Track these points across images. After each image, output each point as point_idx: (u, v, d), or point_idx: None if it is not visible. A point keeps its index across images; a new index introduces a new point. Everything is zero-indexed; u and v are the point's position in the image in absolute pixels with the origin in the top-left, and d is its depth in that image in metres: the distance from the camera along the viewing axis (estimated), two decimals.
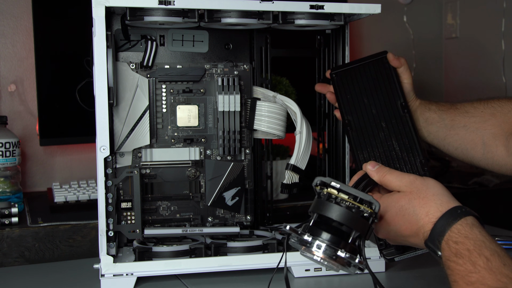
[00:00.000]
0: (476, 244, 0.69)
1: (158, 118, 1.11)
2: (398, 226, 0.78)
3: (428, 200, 0.76)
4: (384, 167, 0.83)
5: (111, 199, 1.03)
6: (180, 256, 1.04)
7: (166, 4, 0.96)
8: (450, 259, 0.70)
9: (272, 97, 1.12)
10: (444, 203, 0.75)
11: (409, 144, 0.97)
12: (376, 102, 1.02)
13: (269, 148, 1.19)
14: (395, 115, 1.00)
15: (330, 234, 0.71)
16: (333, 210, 0.72)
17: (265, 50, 1.15)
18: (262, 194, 1.19)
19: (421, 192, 0.77)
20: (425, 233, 0.75)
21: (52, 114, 1.43)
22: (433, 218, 0.74)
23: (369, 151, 0.99)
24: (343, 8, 1.03)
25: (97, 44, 0.96)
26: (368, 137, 0.99)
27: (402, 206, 0.77)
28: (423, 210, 0.75)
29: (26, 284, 1.05)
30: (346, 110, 1.03)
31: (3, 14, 1.53)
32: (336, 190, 0.73)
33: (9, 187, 1.35)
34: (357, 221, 0.72)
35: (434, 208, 0.75)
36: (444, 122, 1.05)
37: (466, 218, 0.72)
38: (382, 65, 1.04)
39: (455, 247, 0.70)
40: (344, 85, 1.05)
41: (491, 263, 0.66)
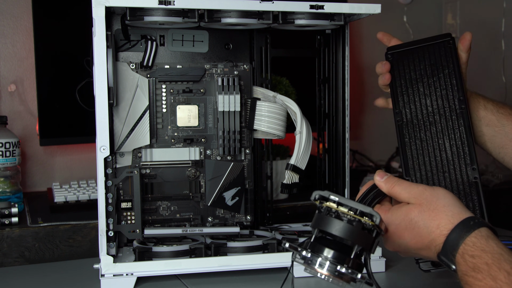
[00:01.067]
0: (494, 257, 0.66)
1: (158, 118, 1.11)
2: (409, 240, 0.75)
3: (439, 212, 0.73)
4: (393, 177, 0.80)
5: (111, 199, 1.03)
6: (180, 256, 1.04)
7: (166, 4, 0.96)
8: (468, 274, 0.67)
9: (272, 97, 1.12)
10: (456, 214, 0.72)
11: (462, 146, 0.89)
12: (432, 92, 0.92)
13: (269, 148, 1.19)
14: (451, 110, 0.91)
15: (331, 250, 0.69)
16: (333, 224, 0.70)
17: (265, 50, 1.15)
18: (262, 194, 1.19)
19: (431, 204, 0.74)
20: (437, 246, 0.72)
21: (52, 114, 1.43)
22: (444, 230, 0.72)
23: (417, 148, 0.90)
24: (343, 8, 1.03)
25: (97, 44, 0.96)
26: (418, 131, 0.91)
27: (412, 219, 0.75)
28: (434, 223, 0.73)
29: (26, 284, 1.05)
30: (398, 99, 0.94)
31: (3, 14, 1.53)
32: (335, 203, 0.71)
33: (9, 187, 1.35)
34: (358, 234, 0.69)
35: (445, 220, 0.72)
36: (504, 129, 0.97)
37: (480, 230, 0.70)
38: (444, 50, 0.95)
39: (472, 261, 0.67)
40: (399, 69, 0.96)
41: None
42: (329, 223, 0.70)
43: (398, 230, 0.76)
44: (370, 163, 1.89)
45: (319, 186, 1.22)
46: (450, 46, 0.95)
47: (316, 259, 0.69)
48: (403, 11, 2.03)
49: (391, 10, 2.01)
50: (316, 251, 0.70)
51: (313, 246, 0.70)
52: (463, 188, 0.88)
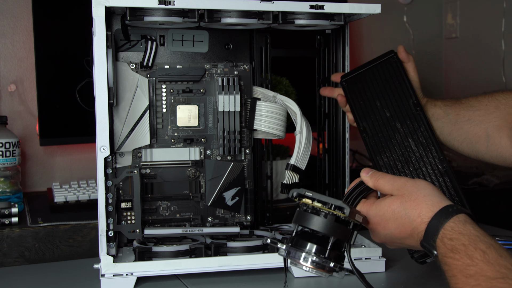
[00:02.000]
0: (471, 238, 0.70)
1: (158, 118, 1.11)
2: (393, 229, 0.79)
3: (420, 201, 0.77)
4: (378, 172, 0.85)
5: (111, 199, 1.03)
6: (180, 256, 1.04)
7: (166, 4, 0.96)
8: (447, 255, 0.71)
9: (272, 97, 1.12)
10: (436, 203, 0.76)
11: (426, 143, 0.95)
12: (389, 104, 1.00)
13: (269, 148, 1.19)
14: (409, 114, 0.98)
15: (310, 243, 0.74)
16: (309, 219, 0.74)
17: (265, 50, 1.15)
18: (262, 194, 1.19)
19: (412, 194, 0.78)
20: (419, 233, 0.76)
21: (52, 114, 1.43)
22: (425, 218, 0.76)
23: (387, 155, 0.97)
24: (343, 8, 1.03)
25: (97, 44, 0.96)
26: (385, 141, 0.98)
27: (394, 209, 0.79)
28: (415, 212, 0.77)
29: (26, 284, 1.05)
30: (360, 116, 1.02)
31: (3, 14, 1.53)
32: (310, 199, 0.76)
33: (9, 187, 1.35)
34: (332, 227, 0.74)
35: (425, 209, 0.76)
36: (449, 117, 1.05)
37: (458, 216, 0.74)
38: (390, 65, 1.03)
39: (450, 244, 0.71)
40: (355, 92, 1.04)
41: (488, 256, 0.67)
42: (306, 218, 0.75)
43: (382, 221, 0.80)
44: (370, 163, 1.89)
45: (319, 186, 1.22)
46: (394, 61, 1.03)
47: (296, 253, 0.74)
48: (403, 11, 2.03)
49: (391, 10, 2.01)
50: (297, 245, 0.75)
51: (294, 241, 0.75)
52: (436, 178, 0.93)
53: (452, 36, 2.09)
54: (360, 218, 0.77)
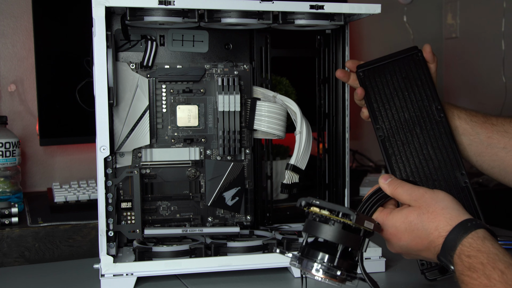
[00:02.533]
0: (489, 257, 0.68)
1: (158, 118, 1.11)
2: (409, 241, 0.77)
3: (437, 214, 0.75)
4: (397, 180, 0.81)
5: (111, 199, 1.03)
6: (180, 256, 1.04)
7: (166, 4, 0.96)
8: (464, 273, 0.69)
9: (272, 97, 1.12)
10: (454, 217, 0.74)
11: (447, 154, 0.90)
12: (409, 105, 0.94)
13: (269, 148, 1.19)
14: (430, 120, 0.92)
15: (320, 252, 0.73)
16: (317, 228, 0.73)
17: (265, 50, 1.15)
18: (262, 194, 1.19)
19: (430, 207, 0.76)
20: (436, 247, 0.74)
21: (52, 114, 1.43)
22: (443, 232, 0.74)
23: (403, 161, 0.91)
24: (343, 8, 1.03)
25: (97, 44, 0.96)
26: (402, 144, 0.92)
27: (411, 221, 0.77)
28: (433, 225, 0.75)
29: (26, 284, 1.05)
30: (376, 114, 0.96)
31: (3, 14, 1.53)
32: (317, 207, 0.74)
33: (9, 187, 1.35)
34: (340, 235, 0.72)
35: (443, 223, 0.74)
36: (479, 137, 0.99)
37: (476, 231, 0.71)
38: (414, 63, 0.96)
39: (468, 261, 0.69)
40: (372, 86, 0.98)
41: (506, 276, 0.65)
42: (314, 227, 0.73)
43: (398, 232, 0.77)
44: (370, 163, 1.89)
45: (319, 186, 1.22)
46: (419, 59, 0.97)
47: (309, 264, 0.72)
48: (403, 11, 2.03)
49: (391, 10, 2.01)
50: (307, 256, 0.73)
51: (304, 251, 0.74)
52: (454, 194, 0.88)
53: (452, 36, 2.09)
54: (371, 225, 0.74)
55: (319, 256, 0.72)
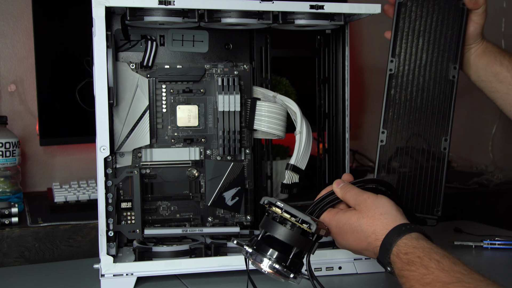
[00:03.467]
0: (425, 251, 0.73)
1: (158, 118, 1.11)
2: (351, 241, 0.83)
3: (376, 219, 0.80)
4: (348, 185, 0.86)
5: (111, 199, 1.03)
6: (180, 256, 1.04)
7: (166, 4, 0.96)
8: (404, 269, 0.73)
9: (272, 97, 1.12)
10: (390, 222, 0.79)
11: (440, 114, 0.90)
12: (430, 51, 0.92)
13: (269, 148, 1.19)
14: (441, 75, 0.91)
15: (273, 249, 0.78)
16: (277, 229, 0.78)
17: (265, 50, 1.15)
18: (262, 194, 1.19)
19: (370, 211, 0.81)
20: (375, 249, 0.79)
21: (52, 114, 1.43)
22: (380, 236, 0.79)
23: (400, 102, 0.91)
24: (343, 8, 1.03)
25: (97, 44, 0.96)
26: (405, 85, 0.91)
27: (352, 224, 0.82)
28: (371, 229, 0.80)
29: (26, 284, 1.05)
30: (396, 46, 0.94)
31: (3, 14, 1.53)
32: (280, 209, 0.79)
33: (9, 187, 1.35)
34: (297, 239, 0.77)
35: (380, 227, 0.79)
36: None
37: (410, 234, 0.76)
38: (454, 10, 0.94)
39: (406, 257, 0.74)
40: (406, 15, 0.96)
41: (442, 264, 0.70)
42: (273, 226, 0.78)
43: (342, 232, 0.83)
44: (370, 163, 1.89)
45: (319, 186, 1.22)
46: (461, 8, 0.95)
47: (259, 257, 0.78)
48: None
49: None
50: (261, 250, 0.78)
51: (259, 245, 0.79)
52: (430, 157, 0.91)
53: None
54: (323, 232, 0.81)
55: (269, 252, 0.78)
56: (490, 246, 1.21)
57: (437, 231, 1.38)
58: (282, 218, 0.78)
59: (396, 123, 0.95)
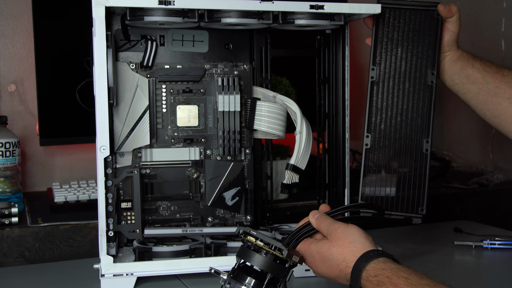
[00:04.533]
0: (393, 271, 0.77)
1: (158, 118, 1.11)
2: (324, 269, 0.85)
3: (345, 247, 0.83)
4: (322, 215, 0.89)
5: (111, 199, 1.03)
6: (180, 256, 1.04)
7: (166, 4, 0.96)
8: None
9: (272, 97, 1.12)
10: (359, 249, 0.82)
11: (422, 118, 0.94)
12: (409, 59, 0.97)
13: (269, 148, 1.19)
14: (420, 81, 0.95)
15: (250, 277, 0.81)
16: (250, 255, 0.81)
17: (265, 50, 1.15)
18: (262, 194, 1.19)
19: (339, 240, 0.84)
20: (346, 275, 0.82)
21: (52, 114, 1.43)
22: (350, 263, 0.81)
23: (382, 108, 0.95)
24: (343, 8, 1.03)
25: (97, 44, 0.96)
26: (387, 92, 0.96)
27: (323, 253, 0.85)
28: (341, 257, 0.83)
29: (26, 284, 1.05)
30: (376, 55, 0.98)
31: (3, 14, 1.53)
32: (254, 238, 0.82)
33: (9, 187, 1.35)
34: (270, 265, 0.80)
35: (350, 254, 0.82)
36: (488, 86, 1.03)
37: (378, 259, 0.80)
38: (430, 19, 0.98)
39: (375, 279, 0.77)
40: (385, 25, 1.00)
41: (410, 280, 0.74)
42: (248, 254, 0.81)
43: (315, 261, 0.86)
44: None
45: (319, 186, 1.22)
46: (436, 18, 0.99)
47: (237, 285, 0.81)
48: None
49: None
50: (238, 278, 0.81)
51: (236, 273, 0.82)
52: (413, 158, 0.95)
53: None
54: (296, 259, 0.83)
55: (248, 280, 0.80)
56: (490, 246, 1.21)
57: (437, 231, 1.39)
58: (256, 246, 0.81)
59: (379, 127, 0.99)
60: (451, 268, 1.11)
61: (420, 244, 1.26)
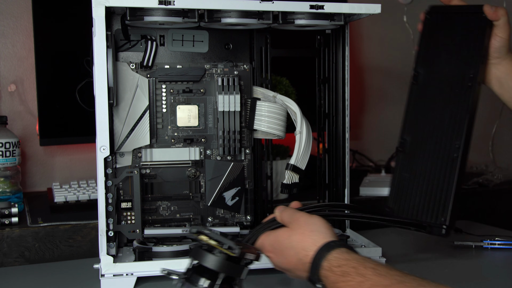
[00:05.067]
0: (358, 261, 0.74)
1: (158, 118, 1.11)
2: (282, 260, 0.83)
3: (305, 236, 0.80)
4: (287, 207, 0.87)
5: (111, 199, 1.03)
6: (180, 256, 1.04)
7: (166, 4, 0.96)
8: (338, 281, 0.73)
9: (272, 97, 1.12)
10: (321, 238, 0.79)
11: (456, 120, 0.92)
12: (452, 63, 0.95)
13: (269, 148, 1.19)
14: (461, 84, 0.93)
15: (203, 278, 0.77)
16: (203, 256, 0.78)
17: (265, 50, 1.15)
18: (262, 194, 1.19)
19: (300, 228, 0.81)
20: (305, 265, 0.78)
21: (52, 114, 1.43)
22: (310, 252, 0.78)
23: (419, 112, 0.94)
24: (343, 8, 1.03)
25: (97, 44, 0.96)
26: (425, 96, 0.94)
27: (281, 241, 0.82)
28: (300, 245, 0.80)
29: (26, 284, 1.05)
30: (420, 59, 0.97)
31: (3, 14, 1.53)
32: (206, 237, 0.79)
33: (9, 187, 1.35)
34: (223, 265, 0.77)
35: (310, 243, 0.79)
36: None
37: (340, 249, 0.77)
38: (477, 22, 0.96)
39: (339, 270, 0.74)
40: (432, 32, 0.99)
41: (379, 270, 0.71)
42: (200, 254, 0.78)
43: (274, 250, 0.83)
44: (370, 163, 1.89)
45: (319, 186, 1.22)
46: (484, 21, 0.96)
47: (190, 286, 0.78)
48: (403, 11, 2.03)
49: (391, 10, 2.01)
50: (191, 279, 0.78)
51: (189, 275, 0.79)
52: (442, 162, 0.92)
53: None
54: (252, 256, 0.80)
55: (200, 281, 0.77)
56: (490, 246, 1.21)
57: None
58: (208, 245, 0.78)
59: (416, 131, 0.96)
60: (451, 268, 1.11)
61: (420, 244, 1.26)
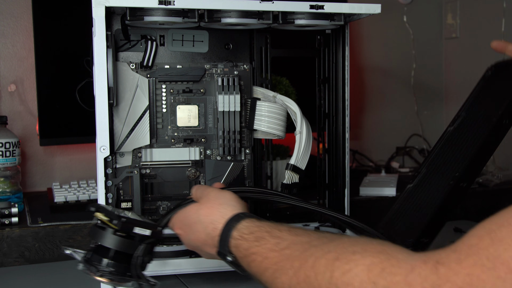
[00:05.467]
0: (271, 226, 0.71)
1: (158, 118, 1.11)
2: (191, 236, 0.80)
3: (214, 209, 0.78)
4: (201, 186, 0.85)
5: (111, 199, 1.03)
6: (180, 256, 1.04)
7: (166, 4, 0.96)
8: (252, 246, 0.70)
9: (272, 97, 1.12)
10: (229, 211, 0.77)
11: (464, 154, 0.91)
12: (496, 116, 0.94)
13: (269, 148, 1.19)
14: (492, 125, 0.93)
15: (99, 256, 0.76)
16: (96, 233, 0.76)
17: (265, 50, 1.15)
18: None
19: (209, 202, 0.79)
20: (214, 238, 0.76)
21: (52, 114, 1.43)
22: (218, 225, 0.76)
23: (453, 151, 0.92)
24: (343, 8, 1.03)
25: (97, 44, 0.96)
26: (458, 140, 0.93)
27: (189, 217, 0.80)
28: (208, 219, 0.77)
29: (26, 284, 1.05)
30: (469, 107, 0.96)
31: (3, 14, 1.53)
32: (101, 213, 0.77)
33: (9, 187, 1.35)
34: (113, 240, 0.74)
35: (218, 216, 0.77)
36: None
37: (250, 219, 0.74)
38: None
39: (252, 236, 0.71)
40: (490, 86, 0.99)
41: (294, 231, 0.69)
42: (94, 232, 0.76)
43: (183, 227, 0.81)
44: (370, 163, 1.89)
45: (319, 186, 1.22)
46: None
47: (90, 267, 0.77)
48: (403, 11, 2.03)
49: (391, 10, 2.01)
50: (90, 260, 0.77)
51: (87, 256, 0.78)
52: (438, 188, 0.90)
53: (452, 36, 2.09)
54: (146, 232, 0.77)
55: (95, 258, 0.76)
56: None
57: None
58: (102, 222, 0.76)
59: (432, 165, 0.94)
60: None
61: None
